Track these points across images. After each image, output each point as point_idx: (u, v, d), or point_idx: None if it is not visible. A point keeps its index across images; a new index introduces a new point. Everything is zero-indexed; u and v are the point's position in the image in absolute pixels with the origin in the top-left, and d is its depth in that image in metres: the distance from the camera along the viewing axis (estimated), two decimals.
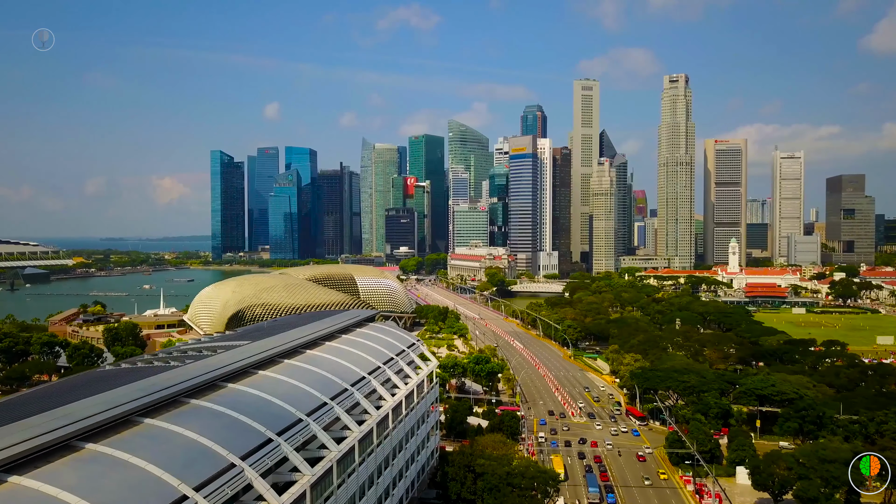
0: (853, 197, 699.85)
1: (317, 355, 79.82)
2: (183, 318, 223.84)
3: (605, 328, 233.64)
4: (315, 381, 69.96)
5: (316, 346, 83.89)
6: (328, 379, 72.04)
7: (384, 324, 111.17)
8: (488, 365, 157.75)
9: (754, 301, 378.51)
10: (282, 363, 73.14)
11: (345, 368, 77.80)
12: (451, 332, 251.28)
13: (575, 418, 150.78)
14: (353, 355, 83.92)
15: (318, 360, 78.18)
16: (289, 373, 70.10)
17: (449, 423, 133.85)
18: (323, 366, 75.43)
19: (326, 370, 73.93)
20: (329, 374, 72.83)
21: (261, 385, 63.52)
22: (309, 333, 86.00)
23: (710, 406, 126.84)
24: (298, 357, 76.80)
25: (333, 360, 79.18)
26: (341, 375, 74.70)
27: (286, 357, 75.23)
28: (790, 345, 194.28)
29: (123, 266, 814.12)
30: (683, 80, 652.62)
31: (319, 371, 73.02)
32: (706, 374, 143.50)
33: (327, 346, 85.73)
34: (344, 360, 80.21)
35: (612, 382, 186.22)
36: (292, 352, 78.05)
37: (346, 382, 72.86)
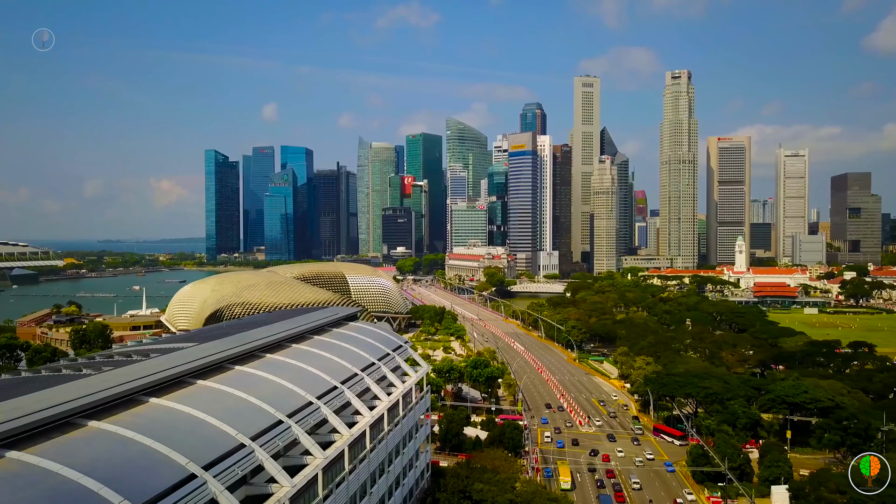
0: (859, 195, 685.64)
1: (277, 360, 65.76)
2: (160, 319, 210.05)
3: (612, 329, 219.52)
4: (269, 393, 55.99)
5: (279, 350, 69.82)
6: (287, 390, 58.03)
7: (367, 323, 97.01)
8: (487, 369, 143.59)
9: (763, 301, 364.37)
10: (229, 371, 59.08)
11: (311, 377, 63.77)
12: (448, 334, 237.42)
13: (583, 428, 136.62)
14: (323, 360, 69.88)
15: (278, 366, 64.14)
16: (236, 382, 56.06)
17: (444, 435, 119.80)
18: (283, 373, 61.42)
19: (287, 379, 59.90)
20: (290, 384, 58.80)
21: (194, 400, 49.43)
22: (272, 334, 71.88)
23: (738, 416, 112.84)
24: (252, 363, 62.72)
25: (298, 365, 65.13)
26: (306, 385, 60.71)
27: (237, 363, 61.16)
28: (813, 346, 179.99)
29: (115, 267, 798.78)
30: (686, 76, 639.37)
31: (277, 380, 59.00)
32: (729, 380, 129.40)
33: (293, 348, 71.68)
34: (311, 365, 66.14)
35: (622, 388, 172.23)
36: (246, 356, 64.02)
37: (310, 394, 58.86)
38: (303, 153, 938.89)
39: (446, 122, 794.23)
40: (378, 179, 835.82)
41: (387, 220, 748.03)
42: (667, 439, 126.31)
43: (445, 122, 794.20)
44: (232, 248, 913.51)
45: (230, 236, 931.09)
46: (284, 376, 60.52)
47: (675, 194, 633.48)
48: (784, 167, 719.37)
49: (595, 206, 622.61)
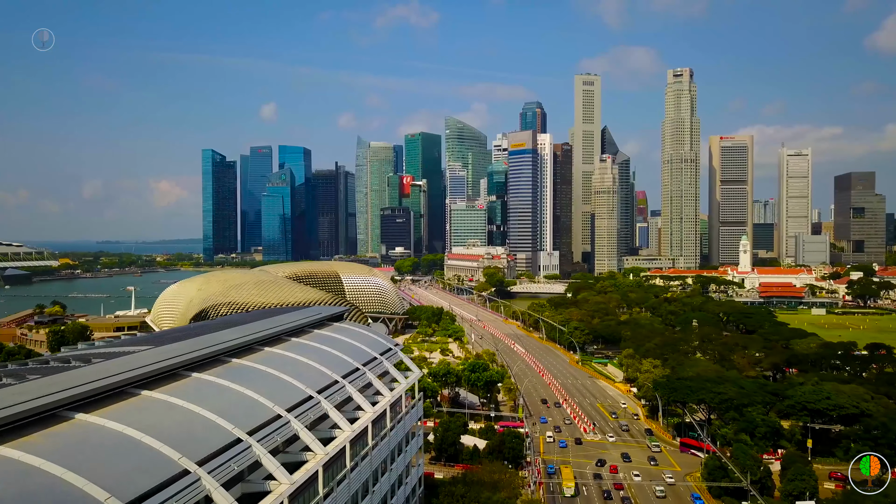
0: (863, 195, 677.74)
1: (244, 366, 57.49)
2: (145, 320, 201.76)
3: (616, 330, 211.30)
4: (231, 406, 47.79)
5: (248, 353, 61.55)
6: (251, 401, 49.76)
7: (354, 324, 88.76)
8: (486, 373, 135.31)
9: (769, 301, 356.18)
10: (184, 378, 50.81)
11: (282, 385, 55.53)
12: (446, 335, 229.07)
13: (589, 436, 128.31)
14: (299, 366, 61.64)
15: (245, 372, 55.88)
16: (194, 393, 47.85)
17: (439, 444, 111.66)
18: (249, 381, 53.17)
19: (253, 387, 51.62)
20: (255, 394, 50.51)
21: (143, 413, 41.56)
22: (241, 336, 63.53)
23: (756, 424, 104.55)
24: (214, 369, 54.44)
25: (268, 372, 56.89)
26: (276, 395, 52.46)
27: (195, 369, 52.90)
28: (827, 348, 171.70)
29: (111, 268, 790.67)
30: (688, 74, 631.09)
31: (240, 389, 50.72)
32: (745, 385, 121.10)
33: (265, 352, 63.40)
34: (285, 372, 57.87)
35: (627, 392, 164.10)
36: (208, 361, 55.73)
37: (280, 406, 50.61)
38: (301, 153, 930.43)
39: (445, 121, 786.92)
40: (377, 179, 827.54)
41: (385, 220, 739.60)
42: (699, 455, 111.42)
43: (444, 122, 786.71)
44: (229, 249, 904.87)
45: (227, 237, 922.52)
46: (250, 384, 52.27)
47: (677, 194, 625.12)
48: (787, 166, 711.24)
49: (596, 206, 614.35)
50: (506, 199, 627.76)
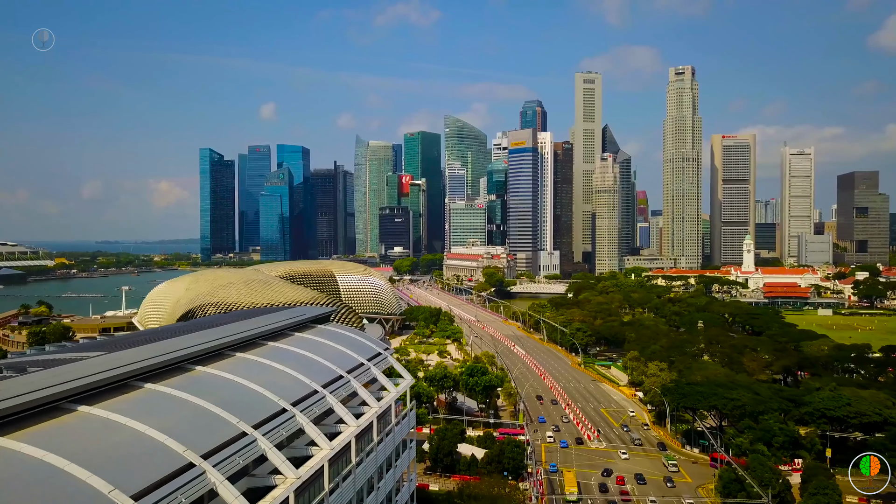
0: (866, 194, 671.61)
1: (209, 375, 50.73)
2: (132, 321, 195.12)
3: (620, 332, 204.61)
4: (185, 421, 41.12)
5: (216, 360, 54.77)
6: (212, 416, 43.03)
7: (341, 327, 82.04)
8: (485, 377, 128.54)
9: (774, 302, 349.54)
10: (136, 390, 44.08)
11: (252, 397, 48.74)
12: (444, 337, 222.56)
13: (593, 444, 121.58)
14: (273, 374, 54.88)
15: (209, 383, 49.13)
16: (142, 408, 41.15)
17: (434, 454, 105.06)
18: (213, 393, 46.41)
19: (216, 401, 44.83)
20: (216, 409, 43.76)
21: (86, 430, 35.02)
22: (208, 340, 56.75)
23: (774, 433, 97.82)
24: (172, 379, 47.66)
25: (236, 382, 50.10)
26: (242, 409, 45.70)
27: (149, 379, 46.14)
28: (840, 351, 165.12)
29: (108, 268, 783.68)
30: (690, 72, 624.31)
31: (201, 403, 43.95)
32: (759, 390, 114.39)
33: (236, 358, 56.63)
34: (256, 381, 51.06)
35: (632, 396, 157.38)
36: (168, 369, 48.97)
37: (246, 421, 43.87)
38: (299, 152, 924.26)
39: (445, 119, 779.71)
40: (375, 178, 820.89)
41: (384, 219, 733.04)
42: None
43: (444, 120, 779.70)
44: (227, 249, 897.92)
45: (225, 237, 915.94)
46: (212, 396, 45.53)
47: (679, 193, 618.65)
48: (789, 165, 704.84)
49: (597, 205, 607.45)
50: (506, 199, 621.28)
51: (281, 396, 50.17)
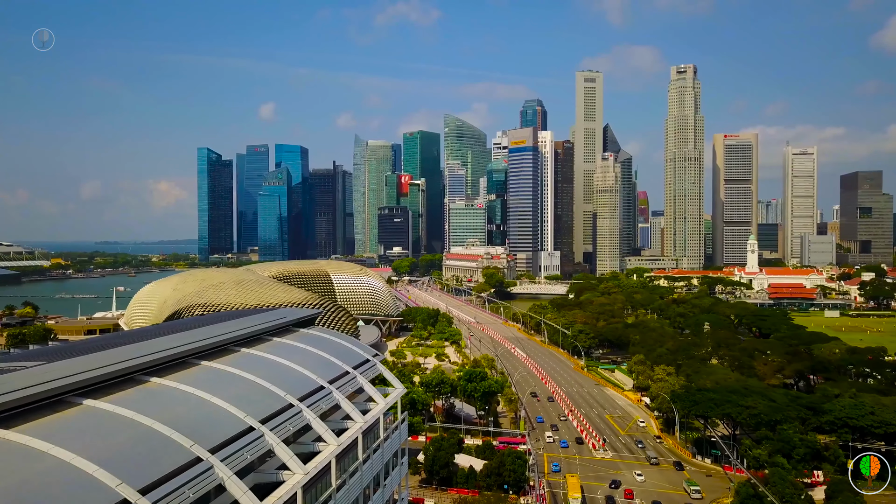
0: (870, 194, 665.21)
1: (167, 388, 44.10)
2: (118, 322, 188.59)
3: (624, 334, 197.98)
4: (132, 448, 34.63)
5: (178, 369, 48.14)
6: (165, 440, 36.46)
7: (326, 331, 75.32)
8: (484, 383, 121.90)
9: (780, 303, 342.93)
10: (75, 407, 37.50)
11: (215, 413, 42.18)
12: (442, 339, 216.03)
13: (597, 453, 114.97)
14: (244, 386, 48.27)
15: (167, 396, 42.55)
16: (78, 427, 34.69)
17: (430, 465, 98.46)
18: (174, 408, 39.97)
19: (172, 419, 38.28)
20: (169, 431, 37.17)
21: None
22: (172, 347, 50.12)
23: (794, 444, 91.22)
24: (123, 392, 41.09)
25: (198, 396, 43.52)
26: (203, 429, 39.25)
27: (91, 394, 39.54)
28: (855, 354, 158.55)
29: (104, 268, 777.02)
30: (692, 70, 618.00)
31: (151, 423, 37.36)
32: (775, 397, 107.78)
33: (202, 367, 49.98)
34: (222, 395, 44.44)
35: (638, 401, 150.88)
36: (119, 381, 42.38)
37: (202, 444, 37.33)
38: (298, 152, 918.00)
39: (444, 119, 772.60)
40: (374, 178, 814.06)
41: (383, 219, 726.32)
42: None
43: (444, 119, 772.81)
44: (225, 249, 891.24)
45: (223, 237, 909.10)
46: (171, 412, 39.00)
47: (681, 193, 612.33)
48: (792, 165, 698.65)
49: (598, 205, 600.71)
50: (506, 198, 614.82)
51: (248, 413, 43.49)
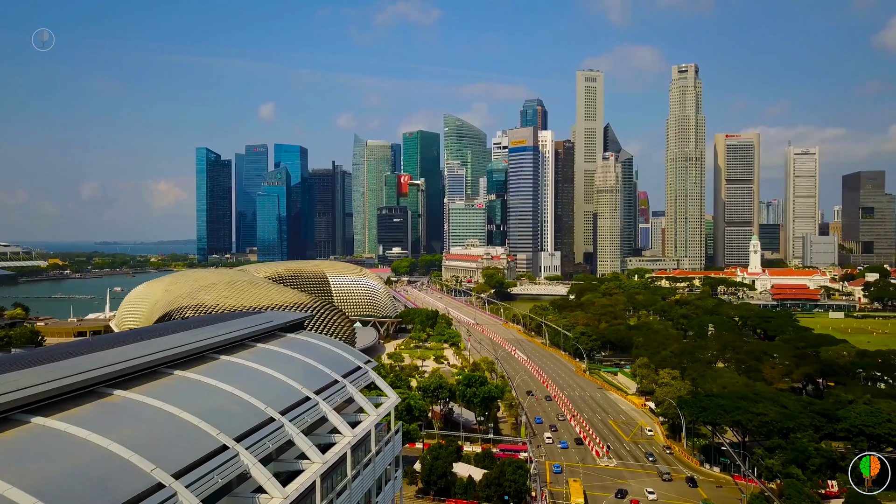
0: (872, 195, 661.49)
1: (132, 402, 39.83)
2: (109, 324, 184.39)
3: (626, 336, 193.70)
4: (79, 479, 30.41)
5: (148, 380, 43.88)
6: (123, 463, 32.21)
7: (314, 336, 71.10)
8: (483, 388, 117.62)
9: (783, 304, 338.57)
10: (22, 425, 33.25)
11: (186, 430, 37.96)
12: (441, 341, 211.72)
13: (602, 461, 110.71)
14: (220, 398, 44.06)
15: (129, 412, 38.32)
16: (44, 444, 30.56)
17: (427, 475, 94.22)
18: (132, 426, 35.74)
19: (126, 440, 34.03)
20: (127, 453, 32.89)
21: None
22: (144, 354, 45.84)
23: (809, 454, 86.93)
24: (84, 407, 36.84)
25: (166, 411, 39.21)
26: (167, 448, 35.01)
27: (41, 411, 35.27)
28: (864, 357, 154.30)
29: (102, 268, 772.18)
30: (693, 70, 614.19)
31: (107, 445, 33.10)
32: (786, 403, 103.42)
33: (175, 377, 45.74)
34: (194, 409, 40.18)
35: (642, 406, 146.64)
36: (81, 393, 38.16)
37: (166, 467, 33.06)
38: (297, 152, 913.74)
39: (444, 118, 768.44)
40: (374, 178, 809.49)
41: (382, 219, 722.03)
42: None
43: (443, 119, 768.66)
44: (224, 249, 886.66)
45: (222, 237, 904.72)
46: (127, 432, 34.74)
47: (682, 193, 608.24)
48: (793, 165, 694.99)
49: (598, 205, 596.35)
50: (506, 198, 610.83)
51: (221, 430, 39.29)
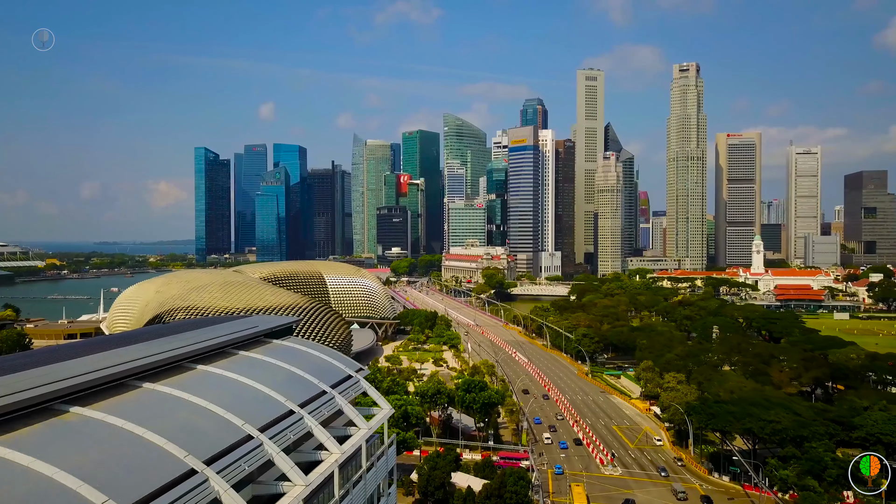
0: (875, 194, 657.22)
1: (91, 421, 35.67)
2: (99, 326, 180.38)
3: (630, 338, 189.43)
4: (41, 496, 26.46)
5: (113, 393, 39.71)
6: (73, 496, 28.08)
7: (302, 342, 66.92)
8: (483, 394, 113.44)
9: (787, 305, 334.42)
10: None
11: (148, 452, 33.78)
12: (441, 343, 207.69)
13: (606, 469, 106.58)
14: (193, 413, 39.95)
15: (91, 429, 34.21)
16: None
17: (424, 485, 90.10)
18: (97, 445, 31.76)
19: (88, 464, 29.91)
20: (78, 487, 28.75)
21: None
22: (110, 365, 41.64)
23: (826, 464, 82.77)
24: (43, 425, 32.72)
25: (125, 430, 35.03)
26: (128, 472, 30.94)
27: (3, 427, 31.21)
28: (875, 360, 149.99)
29: (100, 269, 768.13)
30: (694, 69, 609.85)
31: (52, 475, 28.93)
32: (799, 410, 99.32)
33: (143, 391, 41.55)
34: (158, 428, 36.03)
35: (647, 411, 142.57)
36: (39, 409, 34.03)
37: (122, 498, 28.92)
38: (296, 151, 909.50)
39: (444, 117, 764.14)
40: (373, 178, 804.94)
41: (381, 219, 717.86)
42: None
43: (443, 118, 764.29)
44: (223, 250, 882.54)
45: (221, 237, 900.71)
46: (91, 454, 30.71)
47: (683, 193, 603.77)
48: (795, 165, 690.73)
49: (599, 205, 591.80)
50: (506, 198, 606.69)
51: (190, 451, 35.14)
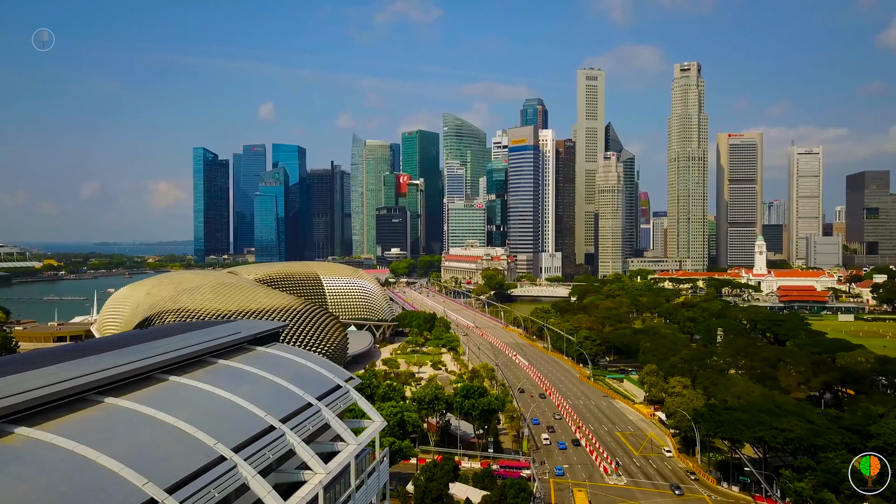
0: (877, 195, 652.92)
1: (44, 443, 31.74)
2: (90, 328, 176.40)
3: (633, 340, 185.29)
4: None
5: (72, 409, 35.76)
6: None
7: (289, 349, 62.96)
8: (483, 400, 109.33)
9: (790, 306, 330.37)
10: None
11: (103, 478, 29.91)
12: (439, 345, 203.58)
13: (610, 479, 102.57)
14: (159, 433, 35.98)
15: (41, 453, 30.28)
16: None
17: (421, 497, 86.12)
18: (48, 472, 27.74)
19: (34, 490, 26.04)
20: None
21: None
22: (73, 377, 37.70)
23: (843, 476, 78.73)
24: None
25: (77, 456, 31.12)
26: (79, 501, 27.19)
27: None
28: (886, 364, 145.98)
29: (98, 269, 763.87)
30: (695, 68, 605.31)
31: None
32: (811, 417, 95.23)
33: (105, 406, 37.61)
34: (115, 452, 32.15)
35: (651, 416, 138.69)
36: None
37: None
38: (295, 152, 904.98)
39: (444, 117, 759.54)
40: (373, 178, 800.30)
41: (381, 220, 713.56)
42: None
43: (443, 118, 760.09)
44: (222, 250, 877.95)
45: (220, 237, 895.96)
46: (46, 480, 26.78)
47: (684, 193, 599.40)
48: (797, 165, 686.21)
49: (600, 205, 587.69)
50: (506, 198, 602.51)
51: (151, 478, 31.18)
